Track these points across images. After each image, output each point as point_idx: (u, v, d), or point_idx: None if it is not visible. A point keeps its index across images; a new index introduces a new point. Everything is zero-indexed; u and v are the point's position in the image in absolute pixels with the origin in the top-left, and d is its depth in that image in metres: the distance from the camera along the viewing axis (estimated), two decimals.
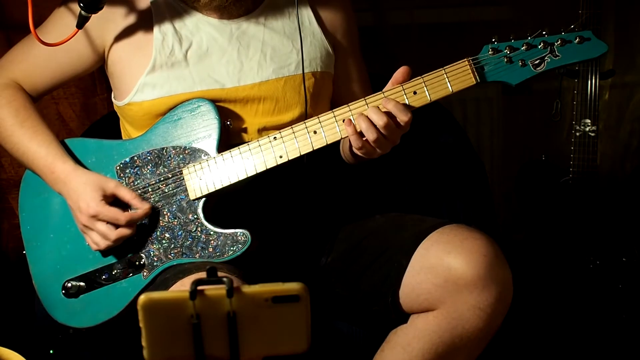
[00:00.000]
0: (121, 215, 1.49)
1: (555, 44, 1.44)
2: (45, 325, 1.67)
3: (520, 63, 1.45)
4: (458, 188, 1.95)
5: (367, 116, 1.43)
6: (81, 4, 1.46)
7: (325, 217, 1.69)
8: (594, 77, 2.26)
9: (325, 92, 1.67)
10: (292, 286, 0.94)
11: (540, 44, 1.44)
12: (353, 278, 1.58)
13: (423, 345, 1.47)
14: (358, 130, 1.45)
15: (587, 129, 2.26)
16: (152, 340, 0.93)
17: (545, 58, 1.45)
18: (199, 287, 0.92)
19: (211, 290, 0.93)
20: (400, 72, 1.47)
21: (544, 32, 1.44)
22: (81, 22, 1.49)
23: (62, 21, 1.57)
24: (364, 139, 1.45)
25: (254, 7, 1.61)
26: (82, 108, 2.23)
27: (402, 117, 1.43)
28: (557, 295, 2.30)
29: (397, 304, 1.51)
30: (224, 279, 0.93)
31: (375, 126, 1.43)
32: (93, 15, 1.48)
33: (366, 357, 1.57)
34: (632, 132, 2.81)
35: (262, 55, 1.58)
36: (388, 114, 1.43)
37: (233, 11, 1.59)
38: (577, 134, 2.27)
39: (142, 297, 0.92)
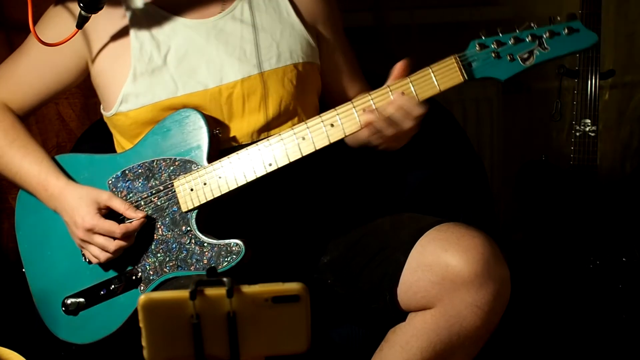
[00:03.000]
0: (117, 228, 1.49)
1: (544, 36, 1.40)
2: (44, 327, 1.67)
3: (508, 58, 1.41)
4: (458, 188, 1.95)
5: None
6: (81, 4, 1.46)
7: (324, 217, 1.69)
8: (594, 77, 2.25)
9: (311, 83, 1.65)
10: (292, 286, 0.94)
11: (528, 37, 1.40)
12: (351, 276, 1.58)
13: (421, 344, 1.47)
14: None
15: (587, 129, 2.26)
16: (152, 340, 0.93)
17: (534, 51, 1.40)
18: (199, 287, 0.92)
19: (211, 290, 0.93)
20: (400, 67, 1.46)
21: (532, 25, 1.41)
22: (81, 22, 1.49)
23: (59, 21, 1.57)
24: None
25: (229, 4, 1.60)
26: (82, 108, 2.23)
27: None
28: (557, 295, 2.29)
29: (395, 302, 1.51)
30: (224, 279, 0.93)
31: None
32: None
33: (365, 356, 1.58)
34: (632, 132, 2.81)
35: (242, 51, 1.56)
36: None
37: (208, 10, 1.58)
38: (577, 134, 2.27)
39: (142, 297, 0.92)
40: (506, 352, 2.00)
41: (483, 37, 1.42)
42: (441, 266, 1.45)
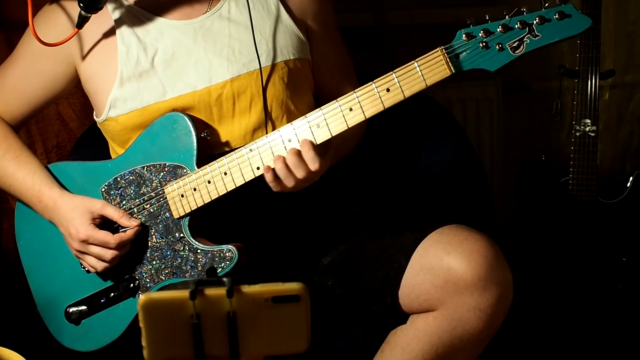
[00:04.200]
0: (111, 238, 1.49)
1: (534, 22, 1.30)
2: (44, 327, 1.67)
3: (497, 47, 1.32)
4: (458, 188, 1.95)
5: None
6: (81, 4, 1.46)
7: (325, 218, 1.68)
8: (594, 77, 2.25)
9: (304, 80, 1.62)
10: (292, 286, 0.94)
11: (517, 24, 1.31)
12: (352, 278, 1.58)
13: (423, 346, 1.47)
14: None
15: (587, 129, 2.26)
16: (152, 340, 0.93)
17: (524, 39, 1.32)
18: (199, 287, 0.92)
19: (211, 290, 0.93)
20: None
21: (522, 10, 1.32)
22: (81, 23, 1.48)
23: (56, 22, 1.56)
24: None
25: (215, 3, 1.57)
26: (82, 108, 2.23)
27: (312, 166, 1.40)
28: (557, 295, 2.30)
29: (397, 304, 1.50)
30: (224, 279, 0.93)
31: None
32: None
33: (366, 357, 1.57)
34: (632, 132, 2.81)
35: (231, 50, 1.53)
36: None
37: (195, 10, 1.56)
38: (577, 134, 2.26)
39: (142, 297, 0.92)
40: (507, 352, 2.00)
41: (471, 26, 1.36)
42: (444, 269, 1.44)
